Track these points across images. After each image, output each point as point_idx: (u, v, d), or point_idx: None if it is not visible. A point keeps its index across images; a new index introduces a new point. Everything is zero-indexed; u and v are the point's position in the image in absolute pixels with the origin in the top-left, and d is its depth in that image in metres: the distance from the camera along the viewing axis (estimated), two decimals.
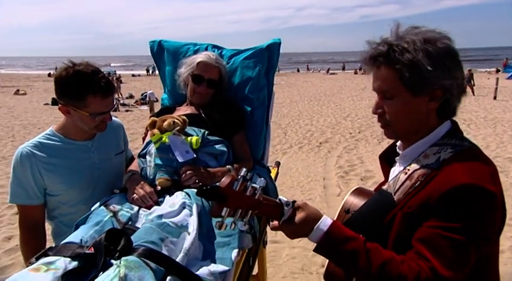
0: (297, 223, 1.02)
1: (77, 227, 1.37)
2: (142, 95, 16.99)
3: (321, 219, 1.01)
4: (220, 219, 0.91)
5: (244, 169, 0.94)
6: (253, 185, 0.94)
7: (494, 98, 14.26)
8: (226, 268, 1.21)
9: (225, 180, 0.89)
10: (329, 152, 7.28)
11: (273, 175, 2.34)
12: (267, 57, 2.02)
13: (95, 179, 1.67)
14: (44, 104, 15.39)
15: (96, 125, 1.58)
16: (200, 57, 1.84)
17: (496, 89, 14.58)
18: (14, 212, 4.78)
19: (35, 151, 1.56)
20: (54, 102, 14.92)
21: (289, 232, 1.04)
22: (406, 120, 1.05)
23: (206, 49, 2.08)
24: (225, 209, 0.89)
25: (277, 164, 2.60)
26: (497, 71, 28.95)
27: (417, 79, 0.97)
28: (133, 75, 30.03)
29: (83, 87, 1.47)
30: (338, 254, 0.98)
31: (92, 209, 1.46)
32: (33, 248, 1.51)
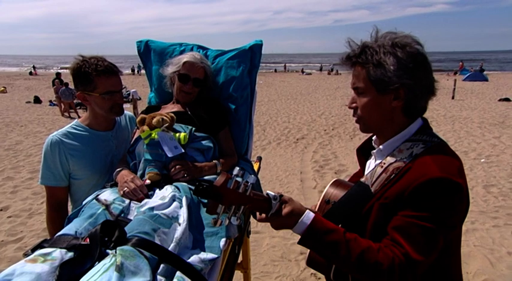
0: (283, 216, 1.05)
1: (69, 221, 1.34)
2: (125, 93, 16.62)
3: (305, 213, 1.04)
4: (215, 216, 0.93)
5: (238, 168, 0.95)
6: (246, 182, 0.96)
7: (452, 97, 14.70)
8: (215, 256, 1.22)
9: (220, 179, 0.91)
10: (305, 147, 7.38)
11: (255, 169, 2.36)
12: (250, 58, 2.03)
13: (114, 166, 1.72)
14: (26, 102, 14.75)
15: (110, 108, 1.68)
16: (186, 57, 1.83)
17: (454, 89, 15.05)
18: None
19: (63, 139, 1.68)
20: (36, 100, 14.35)
21: (276, 224, 1.07)
22: (373, 115, 1.09)
23: (192, 49, 2.06)
24: (220, 206, 0.90)
25: (259, 158, 2.62)
26: (455, 73, 29.84)
27: (380, 78, 1.02)
28: None
29: (88, 72, 1.62)
30: (320, 245, 1.01)
31: (84, 203, 1.44)
32: (57, 225, 1.59)
